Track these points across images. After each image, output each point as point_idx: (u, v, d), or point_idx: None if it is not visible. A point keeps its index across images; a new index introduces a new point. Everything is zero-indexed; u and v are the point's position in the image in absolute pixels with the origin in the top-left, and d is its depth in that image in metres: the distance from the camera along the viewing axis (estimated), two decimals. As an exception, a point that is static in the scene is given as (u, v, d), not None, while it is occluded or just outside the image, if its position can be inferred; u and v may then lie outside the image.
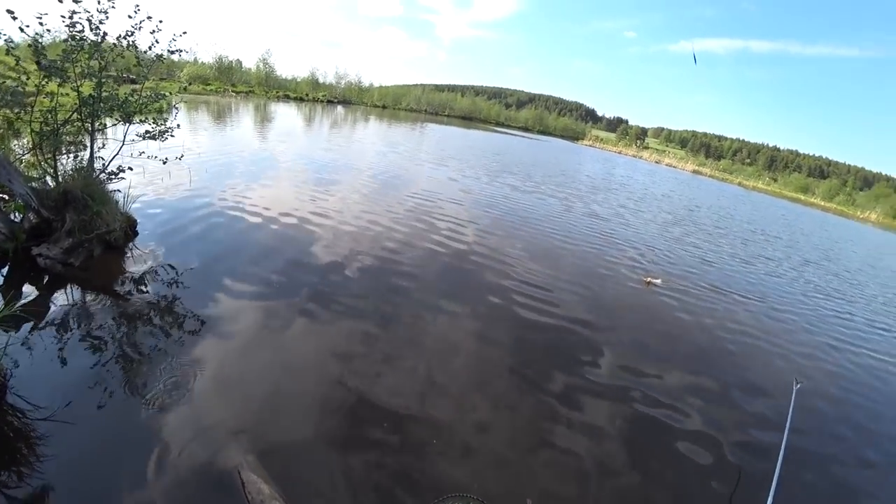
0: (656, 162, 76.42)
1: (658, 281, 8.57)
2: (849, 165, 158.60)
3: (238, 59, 49.23)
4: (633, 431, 4.23)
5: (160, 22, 5.76)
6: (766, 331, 7.57)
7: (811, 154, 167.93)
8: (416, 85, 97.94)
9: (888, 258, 22.83)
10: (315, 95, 50.26)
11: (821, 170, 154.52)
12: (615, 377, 5.08)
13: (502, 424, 3.92)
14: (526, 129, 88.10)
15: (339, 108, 44.00)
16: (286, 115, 27.88)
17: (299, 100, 45.48)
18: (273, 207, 8.39)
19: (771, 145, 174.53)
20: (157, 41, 5.89)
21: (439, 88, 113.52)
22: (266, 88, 45.39)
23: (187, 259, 5.73)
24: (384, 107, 60.60)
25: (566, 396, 4.51)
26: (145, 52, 5.92)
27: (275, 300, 5.19)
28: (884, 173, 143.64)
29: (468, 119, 76.59)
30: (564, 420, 4.15)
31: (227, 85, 40.65)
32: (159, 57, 6.21)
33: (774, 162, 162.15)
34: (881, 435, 5.28)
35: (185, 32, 6.10)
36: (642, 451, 3.99)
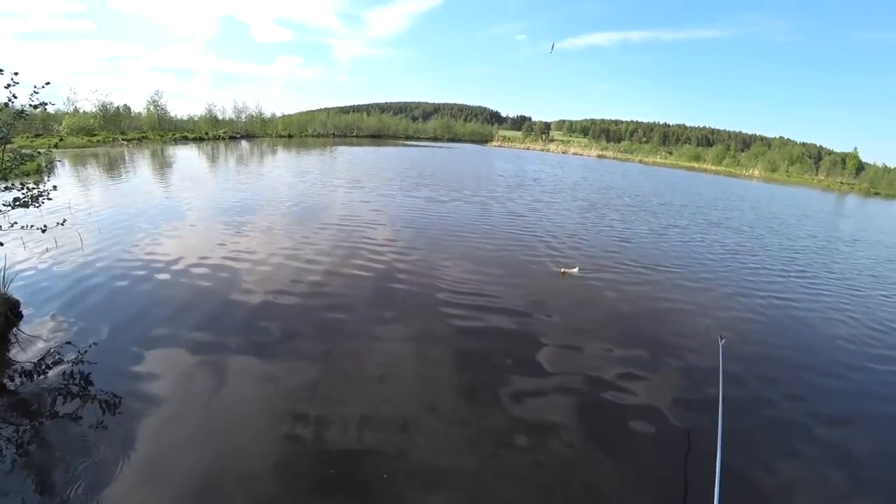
0: (563, 152, 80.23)
1: (574, 270, 8.79)
2: (729, 131, 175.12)
3: (125, 105, 46.16)
4: (585, 419, 4.39)
5: (15, 74, 5.19)
6: (686, 295, 8.18)
7: (697, 126, 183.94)
8: (321, 109, 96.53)
9: (774, 205, 25.51)
10: (216, 133, 48.12)
11: (707, 138, 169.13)
12: (556, 368, 5.26)
13: (457, 443, 3.92)
14: (436, 139, 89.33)
15: (244, 144, 42.42)
16: (187, 157, 26.48)
17: (199, 140, 43.35)
18: (183, 259, 7.91)
19: (662, 122, 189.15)
20: (14, 96, 5.28)
21: (344, 110, 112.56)
22: (161, 132, 42.77)
23: (89, 333, 5.23)
24: (290, 136, 59.14)
25: (514, 399, 4.60)
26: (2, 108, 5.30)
27: (198, 361, 4.86)
28: (758, 134, 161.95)
29: (377, 137, 76.49)
30: (518, 424, 4.23)
31: (116, 133, 37.93)
32: (20, 113, 5.66)
33: (667, 137, 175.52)
34: (804, 369, 5.86)
35: (47, 83, 5.55)
36: (598, 437, 4.16)
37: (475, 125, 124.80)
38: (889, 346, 6.98)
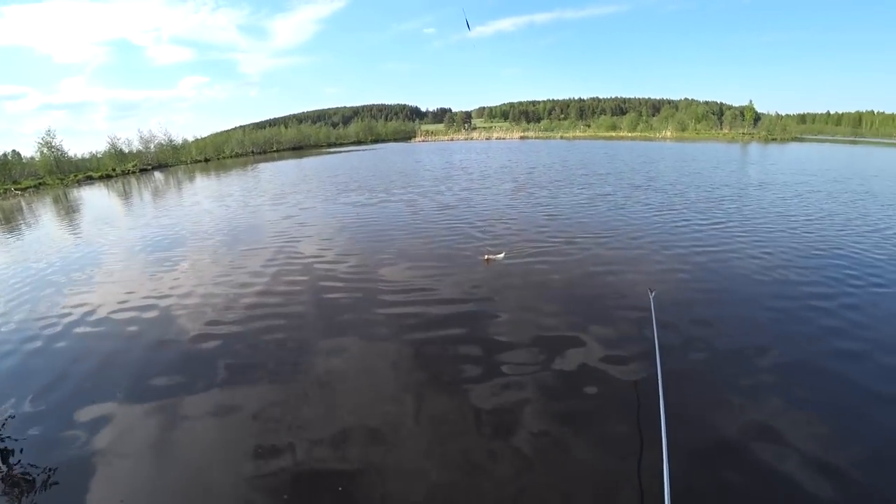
0: (487, 138, 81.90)
1: (500, 256, 8.74)
2: (639, 99, 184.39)
3: (14, 151, 42.35)
4: (539, 394, 4.53)
5: None
6: (617, 257, 8.67)
7: (610, 97, 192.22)
8: (237, 128, 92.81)
9: (689, 163, 27.16)
10: (124, 168, 45.12)
11: (620, 108, 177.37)
12: (503, 350, 5.40)
13: (433, 449, 3.86)
14: (359, 143, 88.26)
15: (157, 175, 40.11)
16: (95, 198, 24.71)
17: (106, 177, 40.47)
18: (102, 307, 7.41)
19: (577, 98, 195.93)
20: None
21: (261, 126, 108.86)
22: (61, 175, 39.56)
23: (3, 408, 4.77)
24: (207, 160, 56.53)
25: (471, 388, 4.68)
26: None
27: (139, 411, 4.55)
28: (665, 98, 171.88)
29: (299, 148, 74.62)
30: (480, 412, 4.28)
31: (7, 184, 34.75)
32: None
33: (583, 111, 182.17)
34: (727, 305, 6.40)
35: None
36: (555, 409, 4.31)
37: (397, 123, 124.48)
38: (799, 268, 7.75)
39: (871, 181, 19.08)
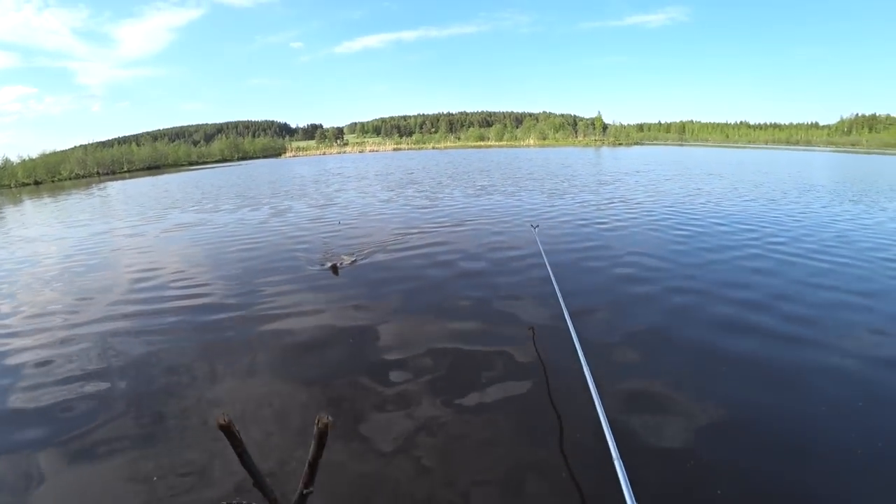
0: (360, 151, 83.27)
1: (348, 260, 7.68)
2: (503, 112, 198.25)
3: None
4: (448, 378, 4.19)
5: None
6: (505, 216, 10.35)
7: (477, 111, 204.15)
8: (77, 147, 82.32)
9: (551, 160, 30.39)
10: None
11: (486, 121, 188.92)
12: (400, 354, 4.74)
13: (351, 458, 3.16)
14: (224, 160, 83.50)
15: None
16: None
17: None
18: None
19: (446, 112, 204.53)
20: None
21: (107, 144, 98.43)
22: None
23: None
24: (38, 182, 49.92)
25: (377, 403, 3.86)
26: None
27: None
28: (527, 111, 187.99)
29: (154, 168, 68.60)
30: (391, 422, 3.59)
31: None
32: None
33: (453, 125, 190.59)
34: (597, 227, 8.88)
35: None
36: (469, 389, 3.98)
37: (265, 140, 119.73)
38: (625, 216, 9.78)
39: (681, 166, 23.24)
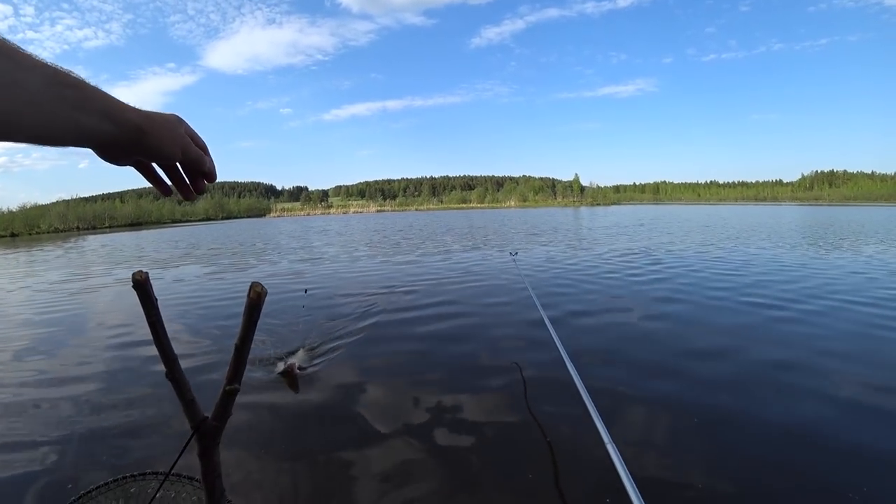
0: (344, 213, 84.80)
1: (296, 363, 4.11)
2: (484, 176, 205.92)
3: None
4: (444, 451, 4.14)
5: None
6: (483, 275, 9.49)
7: (459, 175, 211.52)
8: (59, 201, 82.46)
9: (531, 218, 31.41)
10: None
11: (468, 184, 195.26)
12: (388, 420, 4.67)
13: None
14: (208, 219, 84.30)
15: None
16: None
17: None
18: None
19: (429, 176, 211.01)
20: None
21: (91, 199, 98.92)
22: None
23: None
24: (14, 234, 49.71)
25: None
26: None
27: None
28: (507, 175, 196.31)
29: (137, 225, 68.84)
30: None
31: None
32: None
33: (436, 188, 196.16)
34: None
35: None
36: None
37: (251, 200, 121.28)
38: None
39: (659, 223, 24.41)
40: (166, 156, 0.54)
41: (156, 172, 0.60)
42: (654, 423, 3.11)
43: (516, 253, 7.46)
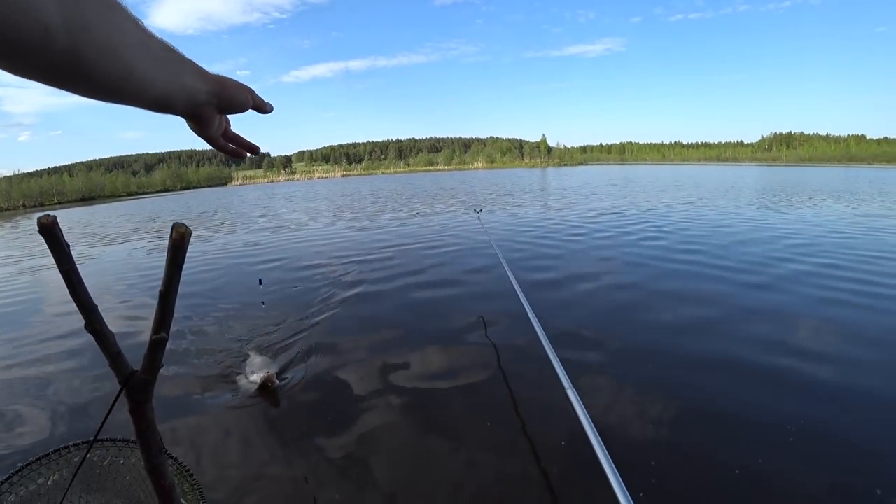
0: (309, 178, 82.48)
1: (271, 371, 3.15)
2: (451, 138, 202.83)
3: None
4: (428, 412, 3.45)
5: None
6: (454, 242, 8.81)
7: (425, 137, 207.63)
8: (0, 178, 77.23)
9: (497, 179, 31.05)
10: None
11: (435, 147, 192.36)
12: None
13: None
14: (166, 190, 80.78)
15: None
16: None
17: None
18: None
19: (395, 139, 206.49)
20: None
21: (35, 174, 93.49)
22: None
23: None
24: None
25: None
26: None
27: None
28: (474, 136, 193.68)
29: (89, 199, 65.48)
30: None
31: None
32: None
33: (402, 151, 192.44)
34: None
35: None
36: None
37: (211, 169, 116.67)
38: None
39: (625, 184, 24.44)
40: (241, 102, 0.58)
41: (224, 143, 0.64)
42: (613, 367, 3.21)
43: (480, 210, 7.50)
